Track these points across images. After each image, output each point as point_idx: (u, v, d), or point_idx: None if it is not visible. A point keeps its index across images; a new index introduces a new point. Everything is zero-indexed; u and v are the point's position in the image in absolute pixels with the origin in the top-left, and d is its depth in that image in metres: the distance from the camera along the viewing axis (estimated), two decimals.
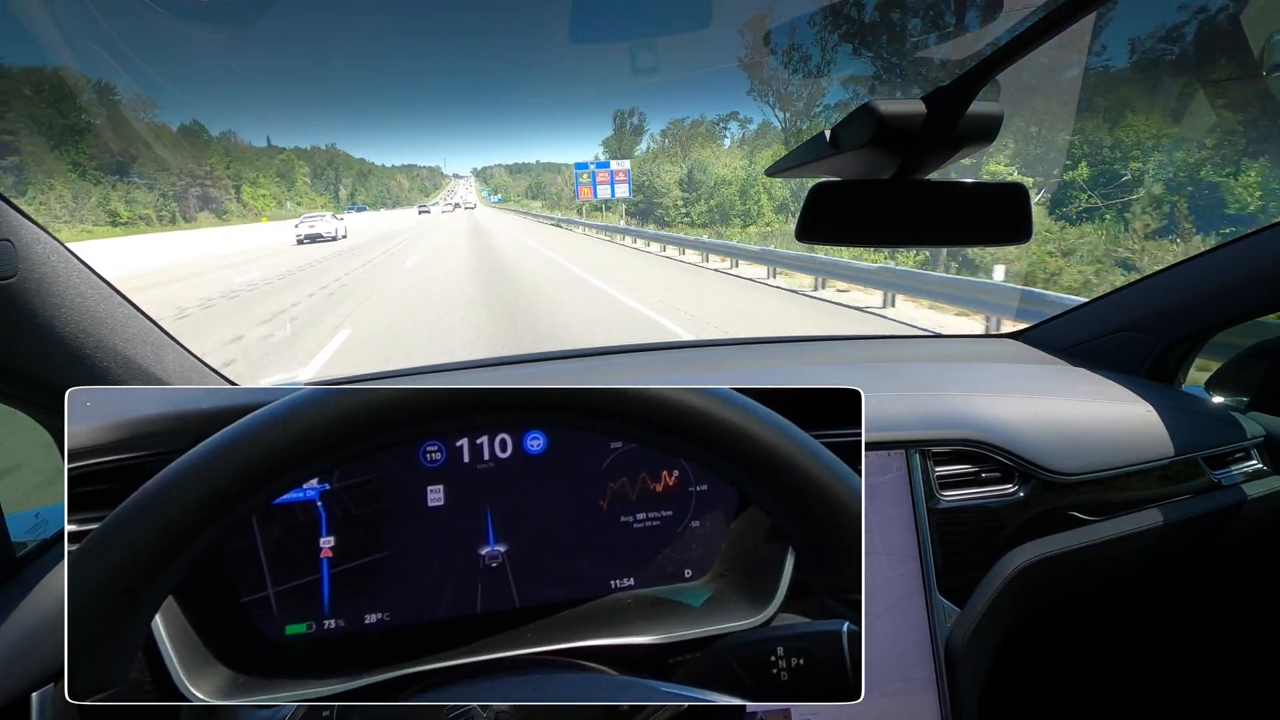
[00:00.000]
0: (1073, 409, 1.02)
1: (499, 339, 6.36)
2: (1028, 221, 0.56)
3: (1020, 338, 1.43)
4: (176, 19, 3.52)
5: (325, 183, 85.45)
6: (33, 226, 0.58)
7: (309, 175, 79.82)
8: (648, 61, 9.74)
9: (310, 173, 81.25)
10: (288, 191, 68.10)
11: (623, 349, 1.42)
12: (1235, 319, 1.09)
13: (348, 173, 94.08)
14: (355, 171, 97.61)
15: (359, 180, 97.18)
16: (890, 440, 0.89)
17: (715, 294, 9.38)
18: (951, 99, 0.50)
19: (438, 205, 74.33)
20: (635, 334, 6.57)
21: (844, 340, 1.55)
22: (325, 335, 6.87)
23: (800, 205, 0.56)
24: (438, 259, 15.00)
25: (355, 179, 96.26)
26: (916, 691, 0.86)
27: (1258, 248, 1.03)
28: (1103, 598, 1.21)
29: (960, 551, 0.90)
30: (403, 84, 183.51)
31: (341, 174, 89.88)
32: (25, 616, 0.60)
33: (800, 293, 9.19)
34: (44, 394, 0.63)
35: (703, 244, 14.47)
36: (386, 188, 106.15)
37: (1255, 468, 1.08)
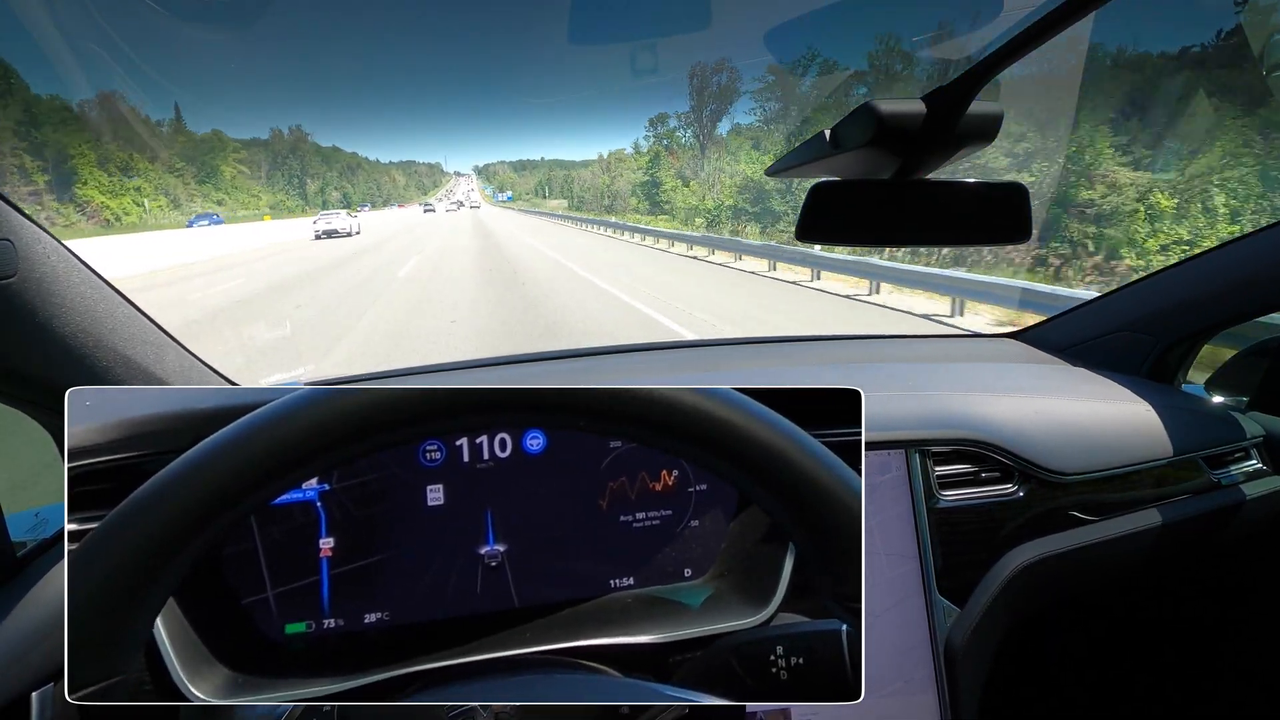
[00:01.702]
0: (1072, 409, 1.02)
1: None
2: (1028, 221, 0.56)
3: (1020, 337, 1.43)
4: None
5: (288, 175, 71.41)
6: (33, 226, 0.58)
7: (265, 166, 66.52)
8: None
9: (269, 162, 68.13)
10: (198, 187, 51.12)
11: (623, 349, 1.42)
12: (1235, 319, 1.09)
13: (323, 164, 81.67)
14: (342, 164, 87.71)
15: (346, 175, 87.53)
16: (890, 440, 0.89)
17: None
18: (951, 99, 0.50)
19: (441, 203, 69.29)
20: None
21: (844, 340, 1.55)
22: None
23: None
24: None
25: (342, 173, 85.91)
26: (916, 691, 0.86)
27: (1258, 248, 1.03)
28: (1103, 597, 1.21)
29: (960, 551, 0.90)
30: (401, 78, 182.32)
31: (309, 163, 75.94)
32: (25, 616, 0.60)
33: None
34: (44, 394, 0.63)
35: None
36: (377, 184, 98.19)
37: (1255, 467, 1.08)
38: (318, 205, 63.87)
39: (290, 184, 71.78)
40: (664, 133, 35.41)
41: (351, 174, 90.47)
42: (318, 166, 79.96)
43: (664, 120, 35.72)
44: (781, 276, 10.87)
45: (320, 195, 73.46)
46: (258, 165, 66.28)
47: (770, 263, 11.64)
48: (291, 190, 71.13)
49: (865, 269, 9.00)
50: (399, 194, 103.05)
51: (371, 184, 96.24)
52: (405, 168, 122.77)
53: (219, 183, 53.85)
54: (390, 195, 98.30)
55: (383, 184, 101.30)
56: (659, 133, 35.61)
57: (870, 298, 8.75)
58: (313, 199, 70.66)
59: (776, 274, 11.14)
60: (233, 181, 56.31)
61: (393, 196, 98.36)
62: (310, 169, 76.54)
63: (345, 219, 26.10)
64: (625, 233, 21.73)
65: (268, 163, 69.66)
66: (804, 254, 10.53)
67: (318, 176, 77.64)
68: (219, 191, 53.41)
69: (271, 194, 63.71)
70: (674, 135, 34.75)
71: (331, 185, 78.94)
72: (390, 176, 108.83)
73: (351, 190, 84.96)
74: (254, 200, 56.27)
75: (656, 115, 36.34)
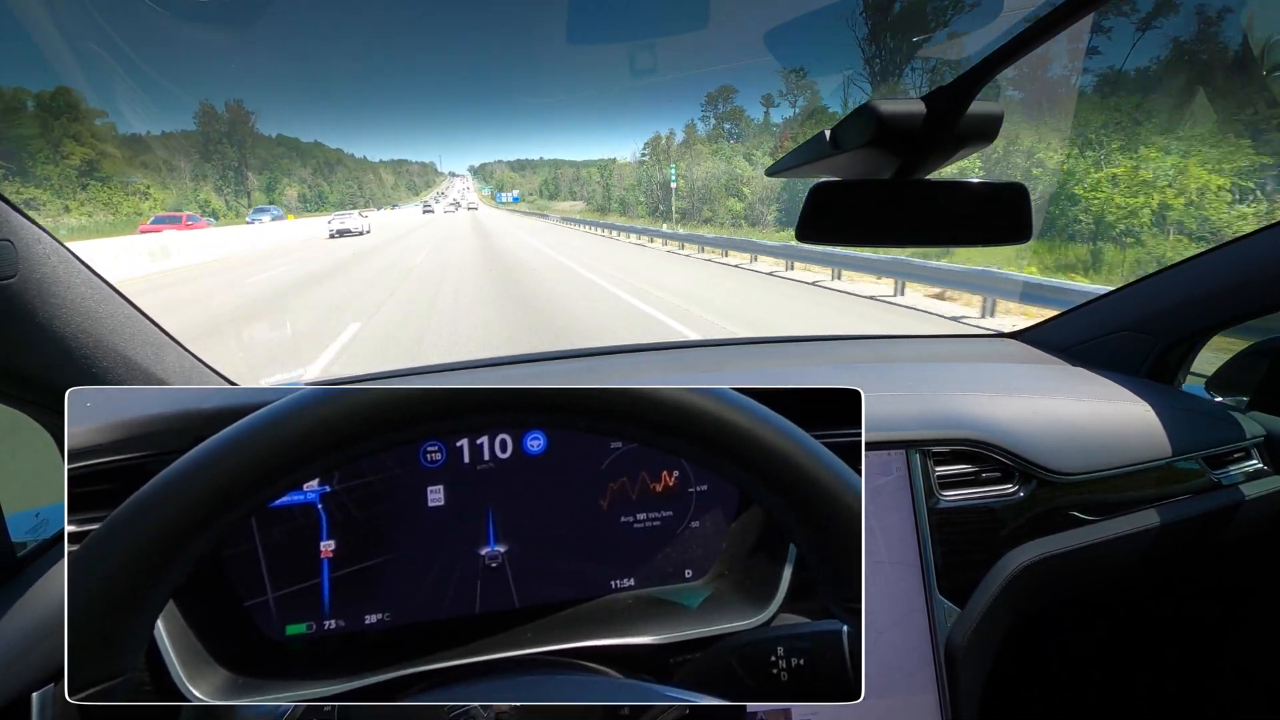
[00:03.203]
0: (1072, 409, 1.02)
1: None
2: (1028, 221, 0.56)
3: (1020, 338, 1.43)
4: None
5: (219, 168, 53.47)
6: (33, 227, 0.58)
7: (190, 159, 51.00)
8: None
9: (199, 153, 52.94)
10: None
11: (623, 349, 1.42)
12: (1235, 319, 1.09)
13: (293, 158, 71.04)
14: (319, 159, 75.53)
15: (322, 171, 75.26)
16: (890, 440, 0.89)
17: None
18: (951, 99, 0.50)
19: (439, 203, 65.85)
20: None
21: (844, 340, 1.55)
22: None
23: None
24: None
25: (317, 169, 73.85)
26: (917, 691, 0.86)
27: (1258, 248, 1.03)
28: (1103, 597, 1.21)
29: (960, 551, 0.90)
30: (396, 73, 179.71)
31: (253, 152, 58.57)
32: (25, 616, 0.60)
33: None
34: (44, 394, 0.62)
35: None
36: (359, 183, 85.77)
37: (1255, 467, 1.08)
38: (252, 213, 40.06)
39: (225, 179, 54.08)
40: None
41: (329, 171, 79.00)
42: (278, 158, 67.37)
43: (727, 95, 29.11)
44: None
45: (271, 195, 57.12)
46: (183, 154, 51.41)
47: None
48: (227, 187, 53.15)
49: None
50: (386, 195, 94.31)
51: (352, 183, 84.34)
52: (395, 167, 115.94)
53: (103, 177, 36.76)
54: (375, 197, 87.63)
55: (366, 183, 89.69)
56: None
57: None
58: (265, 199, 54.41)
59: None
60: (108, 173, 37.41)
61: (378, 198, 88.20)
62: (256, 159, 59.94)
63: (357, 219, 28.79)
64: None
65: (198, 152, 54.13)
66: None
67: (271, 169, 62.25)
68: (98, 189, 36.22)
69: (164, 192, 43.46)
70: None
71: (286, 181, 63.87)
72: (377, 175, 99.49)
73: (328, 189, 72.24)
74: (154, 204, 37.46)
75: (718, 89, 32.21)
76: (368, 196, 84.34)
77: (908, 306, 7.96)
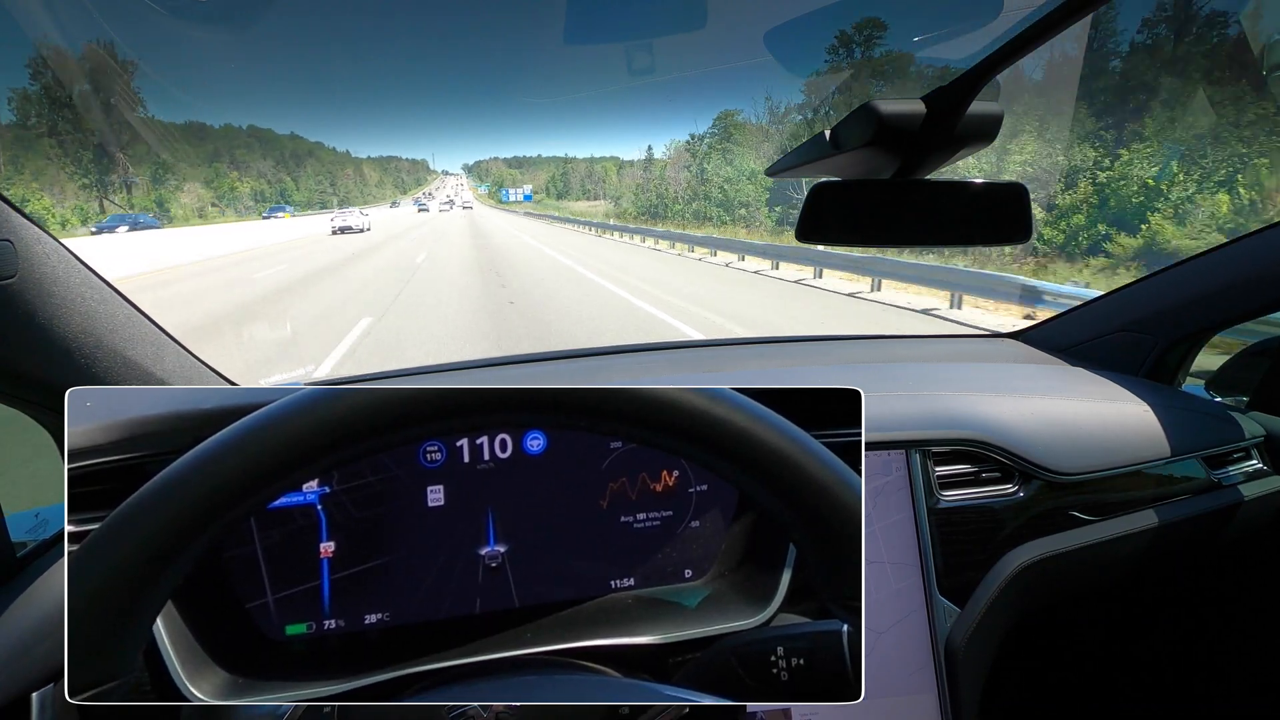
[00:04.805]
0: (1072, 409, 1.02)
1: None
2: (1028, 220, 0.57)
3: (1020, 338, 1.43)
4: None
5: (99, 158, 38.64)
6: (33, 227, 0.58)
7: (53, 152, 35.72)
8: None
9: (76, 142, 37.48)
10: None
11: (623, 349, 1.42)
12: (1235, 319, 1.09)
13: (254, 149, 55.76)
14: (284, 150, 60.03)
15: (287, 164, 61.53)
16: (890, 440, 0.89)
17: None
18: (951, 99, 0.50)
19: (433, 200, 62.00)
20: None
21: (844, 340, 1.55)
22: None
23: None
24: None
25: (281, 161, 59.32)
26: (917, 691, 0.86)
27: (1258, 248, 1.03)
28: (1103, 598, 1.21)
29: (960, 551, 0.90)
30: (387, 70, 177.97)
31: (144, 133, 41.67)
32: (25, 616, 0.60)
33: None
34: (44, 394, 0.62)
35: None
36: (333, 177, 71.60)
37: (1255, 467, 1.08)
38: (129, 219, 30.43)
39: (77, 168, 38.07)
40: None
41: (296, 163, 65.68)
42: (236, 147, 51.98)
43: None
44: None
45: (155, 191, 41.50)
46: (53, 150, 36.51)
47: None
48: (77, 180, 37.94)
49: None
50: (369, 193, 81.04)
51: (324, 178, 69.58)
52: (384, 163, 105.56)
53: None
54: (350, 196, 71.83)
55: (341, 179, 73.52)
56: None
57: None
58: (142, 194, 39.53)
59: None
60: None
61: (355, 198, 72.73)
62: (172, 146, 44.30)
63: (358, 217, 30.35)
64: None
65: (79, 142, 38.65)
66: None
67: (153, 160, 43.23)
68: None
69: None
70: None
71: (233, 174, 49.10)
72: (358, 171, 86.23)
73: (292, 185, 58.71)
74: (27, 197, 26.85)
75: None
76: (343, 194, 71.06)
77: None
